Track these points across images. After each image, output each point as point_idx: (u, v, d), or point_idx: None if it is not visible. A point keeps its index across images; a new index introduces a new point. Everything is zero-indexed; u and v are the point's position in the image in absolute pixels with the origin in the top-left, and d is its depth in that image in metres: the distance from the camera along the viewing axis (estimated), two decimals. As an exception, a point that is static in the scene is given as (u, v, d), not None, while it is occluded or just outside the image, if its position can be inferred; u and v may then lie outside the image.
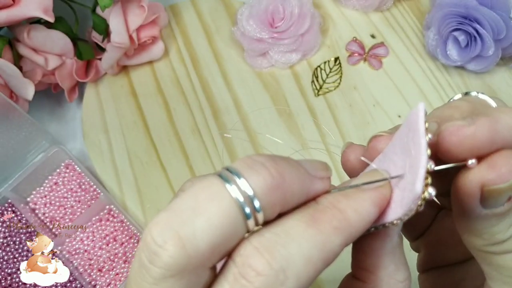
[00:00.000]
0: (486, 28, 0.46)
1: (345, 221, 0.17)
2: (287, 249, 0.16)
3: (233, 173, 0.16)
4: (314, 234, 0.16)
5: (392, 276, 0.19)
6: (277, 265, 0.15)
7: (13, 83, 0.44)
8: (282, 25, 0.49)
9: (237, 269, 0.15)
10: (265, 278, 0.15)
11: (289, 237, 0.16)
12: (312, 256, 0.16)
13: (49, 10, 0.42)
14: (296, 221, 0.17)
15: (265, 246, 0.16)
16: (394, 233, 0.19)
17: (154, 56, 0.51)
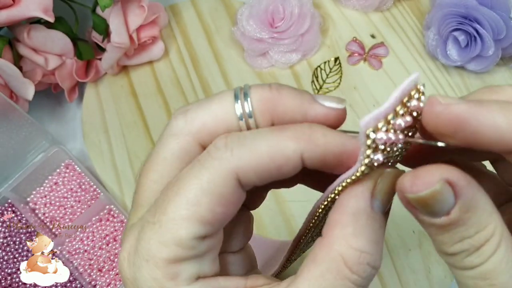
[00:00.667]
0: (486, 28, 0.46)
1: (306, 136, 0.19)
2: (245, 140, 0.19)
3: (244, 88, 0.21)
4: (272, 137, 0.19)
5: (346, 238, 0.19)
6: (230, 144, 0.19)
7: (13, 83, 0.44)
8: (282, 25, 0.49)
9: (207, 149, 0.20)
10: (218, 151, 0.19)
11: (254, 135, 0.19)
12: (259, 149, 0.19)
13: (49, 10, 0.42)
14: (267, 129, 0.20)
15: (233, 135, 0.20)
16: (360, 196, 0.19)
17: (154, 56, 0.51)
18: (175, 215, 0.19)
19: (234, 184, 0.19)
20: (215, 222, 0.19)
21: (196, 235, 0.19)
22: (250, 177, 0.19)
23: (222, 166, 0.19)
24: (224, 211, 0.19)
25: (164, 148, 0.21)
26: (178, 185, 0.19)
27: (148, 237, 0.19)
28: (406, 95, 0.19)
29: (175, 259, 0.19)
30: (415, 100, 0.19)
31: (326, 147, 0.19)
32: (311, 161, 0.19)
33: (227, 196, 0.19)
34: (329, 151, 0.19)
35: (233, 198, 0.19)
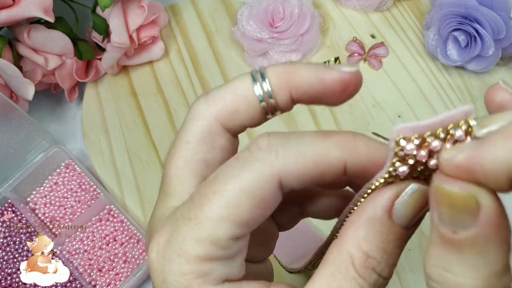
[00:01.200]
0: (486, 28, 0.46)
1: (349, 143, 0.19)
2: (290, 142, 0.19)
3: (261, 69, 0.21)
4: (318, 142, 0.19)
5: (357, 240, 0.19)
6: (274, 146, 0.19)
7: (13, 83, 0.44)
8: (282, 25, 0.49)
9: (248, 145, 0.19)
10: (260, 152, 0.19)
11: (299, 138, 0.19)
12: (305, 154, 0.19)
13: (49, 10, 0.42)
14: (311, 133, 0.20)
15: (276, 136, 0.19)
16: (379, 203, 0.19)
17: (154, 56, 0.51)
18: (213, 214, 0.19)
19: (276, 187, 0.19)
20: (252, 224, 0.19)
21: (233, 236, 0.19)
22: (292, 181, 0.19)
23: (265, 168, 0.18)
24: (262, 214, 0.19)
25: (187, 132, 0.21)
26: (217, 184, 0.19)
27: (184, 232, 0.19)
28: (452, 122, 0.18)
29: (207, 257, 0.19)
30: (461, 131, 0.18)
31: (368, 158, 0.20)
32: (353, 170, 0.19)
33: (267, 199, 0.19)
34: (371, 161, 0.20)
35: (272, 201, 0.19)
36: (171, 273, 0.19)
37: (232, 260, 0.20)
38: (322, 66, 0.21)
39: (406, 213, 0.19)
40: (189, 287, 0.19)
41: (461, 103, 0.48)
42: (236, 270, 0.20)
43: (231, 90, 0.21)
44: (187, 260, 0.19)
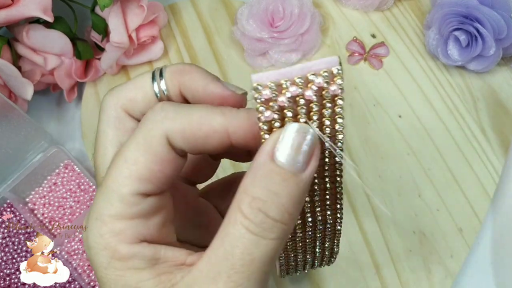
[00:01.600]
0: (487, 28, 0.45)
1: (232, 111, 0.22)
2: (178, 107, 0.22)
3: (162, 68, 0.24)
4: (205, 109, 0.22)
5: (245, 188, 0.20)
6: (165, 108, 0.22)
7: (12, 83, 0.44)
8: (282, 24, 0.49)
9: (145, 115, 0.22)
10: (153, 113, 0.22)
11: (188, 106, 0.22)
12: (190, 116, 0.22)
13: (48, 9, 0.42)
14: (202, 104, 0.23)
15: (169, 103, 0.22)
16: (261, 150, 0.20)
17: (154, 56, 0.51)
18: (117, 175, 0.21)
19: (166, 143, 0.21)
20: (154, 180, 0.21)
21: (137, 192, 0.21)
22: (179, 140, 0.21)
23: (154, 126, 0.21)
24: (160, 170, 0.21)
25: (101, 124, 0.24)
26: (121, 149, 0.21)
27: (98, 197, 0.21)
28: (312, 72, 0.20)
29: (118, 215, 0.21)
30: (321, 78, 0.20)
31: (249, 124, 0.21)
32: (235, 136, 0.22)
33: (161, 154, 0.21)
34: (251, 129, 0.21)
35: (167, 157, 0.21)
36: (92, 236, 0.21)
37: (146, 219, 0.22)
38: (213, 77, 0.23)
39: (286, 152, 0.20)
40: (108, 246, 0.21)
41: (462, 102, 0.48)
42: (154, 232, 0.22)
43: (132, 84, 0.24)
44: (102, 221, 0.21)
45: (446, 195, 0.44)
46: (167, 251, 0.22)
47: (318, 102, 0.20)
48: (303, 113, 0.20)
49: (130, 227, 0.21)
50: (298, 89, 0.20)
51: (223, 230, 0.20)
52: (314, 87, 0.20)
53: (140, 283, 0.21)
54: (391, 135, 0.47)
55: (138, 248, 0.21)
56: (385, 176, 0.45)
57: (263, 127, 0.20)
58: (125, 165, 0.21)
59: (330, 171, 0.23)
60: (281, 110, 0.20)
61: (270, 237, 0.19)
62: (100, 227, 0.21)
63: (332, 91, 0.20)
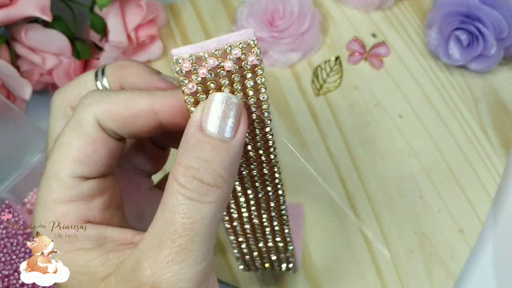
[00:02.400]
0: (488, 27, 0.45)
1: (161, 95, 0.23)
2: (108, 92, 0.24)
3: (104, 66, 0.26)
4: (133, 92, 0.23)
5: (178, 160, 0.21)
6: (95, 93, 0.23)
7: (10, 83, 0.44)
8: (282, 24, 0.49)
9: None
10: (84, 98, 0.23)
11: (118, 91, 0.24)
12: (118, 98, 0.23)
13: (47, 9, 0.42)
14: (131, 89, 0.25)
15: (99, 90, 0.25)
16: (189, 122, 0.21)
17: (153, 56, 0.51)
18: (55, 160, 0.22)
19: (96, 125, 0.22)
20: (89, 162, 0.22)
21: (74, 174, 0.22)
22: (108, 121, 0.22)
23: (84, 109, 0.22)
24: (94, 151, 0.22)
25: (50, 120, 0.25)
26: (58, 136, 0.23)
27: (40, 185, 0.23)
28: (228, 44, 0.21)
29: (60, 199, 0.22)
30: (238, 49, 0.21)
31: (177, 102, 0.22)
32: (164, 116, 0.23)
33: (93, 136, 0.22)
34: (179, 107, 0.22)
35: (99, 139, 0.22)
36: (38, 221, 0.23)
37: (88, 201, 0.23)
38: (154, 71, 0.25)
39: (214, 121, 0.21)
40: (53, 230, 0.22)
41: (463, 102, 0.48)
42: (97, 213, 0.23)
43: (77, 82, 0.25)
44: (46, 207, 0.22)
45: (447, 195, 0.44)
46: (113, 231, 0.23)
47: (239, 74, 0.22)
48: (225, 84, 0.21)
49: (73, 210, 0.22)
50: (216, 61, 0.21)
51: (163, 202, 0.21)
52: (233, 58, 0.21)
53: (89, 262, 0.22)
54: (391, 135, 0.47)
55: (81, 229, 0.22)
56: (386, 177, 0.45)
57: (189, 99, 0.21)
58: (60, 149, 0.22)
59: (263, 142, 0.24)
60: (204, 83, 0.21)
61: (207, 200, 0.20)
62: (44, 213, 0.22)
63: (250, 62, 0.21)
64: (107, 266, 0.22)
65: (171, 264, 0.20)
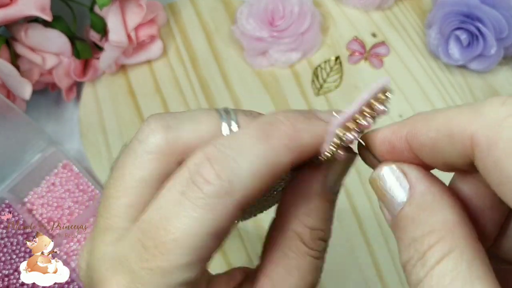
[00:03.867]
0: (488, 27, 0.45)
1: (296, 141, 0.18)
2: (236, 162, 0.17)
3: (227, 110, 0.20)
4: (264, 150, 0.17)
5: (300, 218, 0.19)
6: (225, 176, 0.17)
7: (10, 83, 0.44)
8: (282, 23, 0.49)
9: (189, 175, 0.17)
10: (213, 187, 0.17)
11: (240, 151, 0.17)
12: (260, 170, 0.17)
13: (47, 9, 0.42)
14: (248, 136, 0.17)
15: (216, 158, 0.17)
16: (314, 179, 0.20)
17: (153, 55, 0.51)
18: (178, 260, 0.17)
19: (238, 215, 0.17)
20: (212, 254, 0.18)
21: (201, 271, 0.18)
22: (251, 198, 0.17)
23: (226, 204, 0.17)
24: (219, 243, 0.18)
25: (142, 168, 0.19)
26: (169, 227, 0.17)
27: (148, 281, 0.17)
28: (373, 98, 0.20)
29: None
30: (382, 104, 0.20)
31: (311, 147, 0.19)
32: (297, 161, 0.19)
33: (227, 229, 0.17)
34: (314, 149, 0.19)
35: (231, 227, 0.18)
36: None
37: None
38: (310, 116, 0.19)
39: (336, 180, 0.20)
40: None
41: (463, 102, 0.48)
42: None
43: (196, 131, 0.19)
44: None
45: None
46: None
47: None
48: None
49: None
50: (367, 122, 0.20)
51: (288, 258, 0.19)
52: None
53: None
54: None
55: None
56: (386, 176, 0.45)
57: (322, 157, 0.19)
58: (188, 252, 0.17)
59: None
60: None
61: (325, 253, 0.21)
62: None
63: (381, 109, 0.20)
64: None
65: None
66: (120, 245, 0.18)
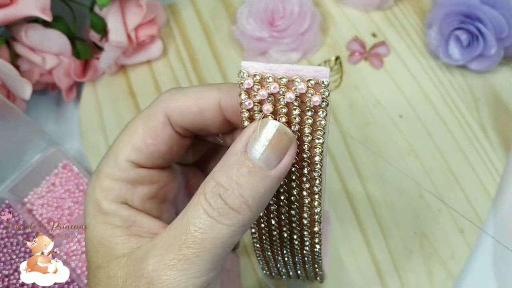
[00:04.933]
0: (488, 27, 0.45)
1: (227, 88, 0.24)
2: (180, 89, 0.24)
3: None
4: (201, 87, 0.24)
5: (213, 173, 0.21)
6: (170, 91, 0.24)
7: (10, 83, 0.44)
8: (282, 24, 0.49)
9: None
10: (161, 95, 0.25)
11: (188, 87, 0.24)
12: (188, 93, 0.24)
13: (47, 9, 0.42)
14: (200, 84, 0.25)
15: (176, 88, 0.25)
16: (235, 141, 0.21)
17: (153, 56, 0.51)
18: (119, 140, 0.24)
19: (164, 120, 0.23)
20: (146, 152, 0.24)
21: (129, 158, 0.24)
22: (177, 116, 0.23)
23: (157, 104, 0.24)
24: (154, 143, 0.24)
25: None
26: (130, 121, 0.24)
27: (103, 158, 0.25)
28: (299, 76, 0.20)
29: (110, 175, 0.24)
30: (303, 84, 0.20)
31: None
32: (228, 112, 0.23)
33: (158, 130, 0.24)
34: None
35: (164, 133, 0.24)
36: (88, 188, 0.25)
37: (132, 186, 0.24)
38: None
39: (258, 147, 0.20)
40: (95, 199, 0.24)
41: (463, 102, 0.48)
42: (137, 200, 0.24)
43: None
44: (98, 177, 0.24)
45: (447, 195, 0.44)
46: (143, 218, 0.24)
47: (300, 108, 0.21)
48: (283, 113, 0.21)
49: (116, 188, 0.24)
50: (278, 88, 0.20)
51: (187, 208, 0.21)
52: (296, 91, 0.20)
53: (112, 236, 0.23)
54: (391, 135, 0.47)
55: (117, 207, 0.24)
56: (386, 177, 0.45)
57: (244, 114, 0.21)
58: (126, 133, 0.24)
59: (309, 185, 0.23)
60: (261, 104, 0.21)
61: (224, 222, 0.20)
62: (94, 182, 0.24)
63: (313, 102, 0.20)
64: (125, 247, 0.23)
65: (171, 268, 0.20)
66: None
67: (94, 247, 0.24)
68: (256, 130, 0.21)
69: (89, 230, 0.25)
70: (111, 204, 0.24)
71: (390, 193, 0.44)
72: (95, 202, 0.24)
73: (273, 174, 0.21)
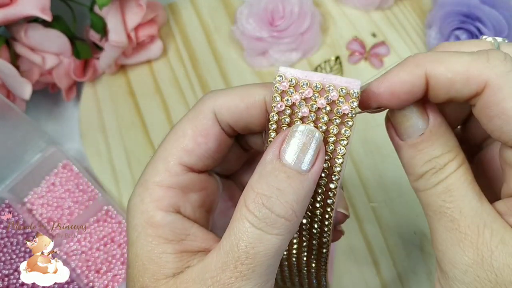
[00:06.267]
0: (488, 27, 0.45)
1: (271, 86, 0.22)
2: (226, 89, 0.24)
3: None
4: (247, 86, 0.24)
5: (252, 184, 0.21)
6: (215, 91, 0.24)
7: (10, 83, 0.44)
8: (282, 23, 0.49)
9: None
10: (204, 96, 0.24)
11: (233, 87, 0.24)
12: (233, 92, 0.24)
13: (47, 9, 0.42)
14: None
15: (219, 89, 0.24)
16: (269, 148, 0.21)
17: (153, 55, 0.51)
18: (166, 145, 0.23)
19: (213, 117, 0.23)
20: (198, 152, 0.23)
21: (181, 162, 0.23)
22: (224, 113, 0.23)
23: (203, 103, 0.23)
24: (205, 142, 0.23)
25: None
26: (175, 125, 0.24)
27: (147, 166, 0.23)
28: (332, 85, 0.21)
29: (162, 182, 0.23)
30: (336, 92, 0.21)
31: None
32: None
33: (207, 127, 0.23)
34: None
35: (213, 131, 0.23)
36: (133, 200, 0.23)
37: (185, 193, 0.23)
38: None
39: (292, 151, 0.21)
40: (145, 211, 0.22)
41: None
42: (189, 208, 0.23)
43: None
44: (146, 187, 0.23)
45: (447, 195, 0.44)
46: (198, 231, 0.23)
47: (328, 116, 0.21)
48: (311, 119, 0.21)
49: (168, 196, 0.23)
50: (312, 93, 0.21)
51: (231, 224, 0.21)
52: (328, 98, 0.21)
53: (163, 253, 0.22)
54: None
55: (171, 217, 0.22)
56: (386, 177, 0.45)
57: (274, 117, 0.22)
58: (174, 137, 0.23)
59: (323, 196, 0.23)
60: (293, 108, 0.21)
61: (273, 232, 0.20)
62: (142, 192, 0.23)
63: (342, 110, 0.21)
64: (176, 266, 0.22)
65: (231, 287, 0.20)
66: None
67: (142, 264, 0.22)
68: (287, 136, 0.21)
69: (136, 245, 0.22)
70: (164, 215, 0.22)
71: (390, 193, 0.44)
72: (145, 214, 0.22)
73: (310, 176, 0.21)
